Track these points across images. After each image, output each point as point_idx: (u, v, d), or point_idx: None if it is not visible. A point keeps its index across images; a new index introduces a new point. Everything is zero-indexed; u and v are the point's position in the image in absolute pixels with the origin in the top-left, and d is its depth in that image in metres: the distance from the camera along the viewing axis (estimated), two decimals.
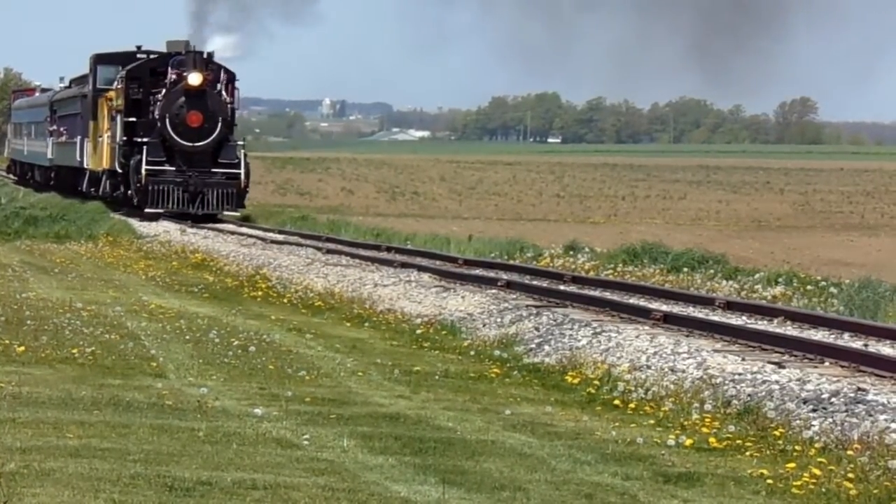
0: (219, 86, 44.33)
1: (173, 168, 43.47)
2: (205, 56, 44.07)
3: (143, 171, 43.02)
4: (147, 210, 43.34)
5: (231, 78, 45.22)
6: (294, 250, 32.90)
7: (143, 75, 45.64)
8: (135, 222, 43.31)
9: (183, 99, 43.41)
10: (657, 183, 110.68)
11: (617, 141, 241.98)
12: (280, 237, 37.82)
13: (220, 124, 43.81)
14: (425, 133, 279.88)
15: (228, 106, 44.72)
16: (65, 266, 29.17)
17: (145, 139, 43.86)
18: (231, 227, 42.19)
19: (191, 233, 39.50)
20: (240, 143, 46.06)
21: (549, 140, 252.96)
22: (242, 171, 44.35)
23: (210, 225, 41.99)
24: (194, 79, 43.14)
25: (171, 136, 43.33)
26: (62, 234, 40.10)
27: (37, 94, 75.90)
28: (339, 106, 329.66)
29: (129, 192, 45.23)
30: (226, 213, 44.36)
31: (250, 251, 32.78)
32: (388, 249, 32.75)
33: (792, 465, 11.52)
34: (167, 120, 43.36)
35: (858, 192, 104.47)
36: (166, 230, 40.34)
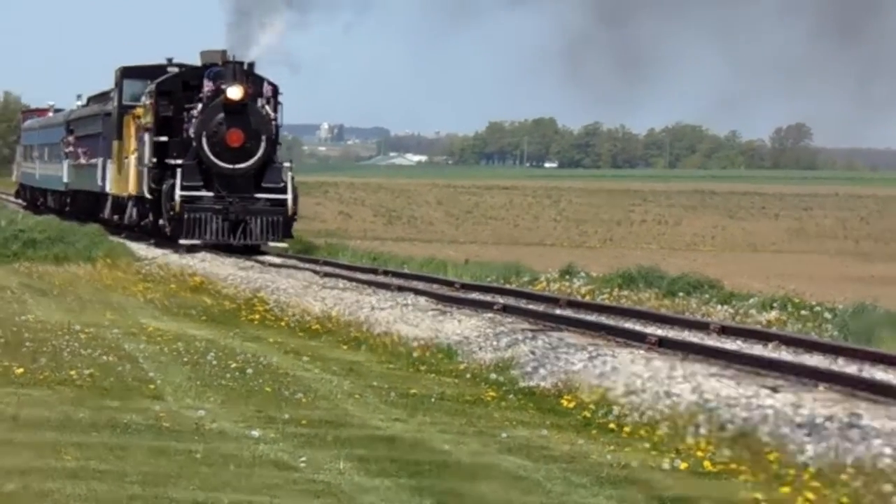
0: (261, 100, 39.31)
1: (211, 193, 38.41)
2: (245, 67, 39.07)
3: (178, 198, 38.23)
4: (182, 241, 38.49)
5: (275, 91, 40.10)
6: (292, 273, 32.83)
7: (176, 89, 40.70)
8: (132, 245, 41.88)
9: (222, 115, 38.40)
10: (653, 208, 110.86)
11: (613, 166, 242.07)
12: (278, 260, 37.02)
13: (263, 143, 38.80)
14: (422, 157, 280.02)
15: (273, 123, 39.64)
16: (63, 288, 29.14)
17: (179, 161, 38.94)
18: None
19: (189, 256, 37.88)
20: (286, 164, 40.52)
21: (546, 165, 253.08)
22: (290, 196, 39.18)
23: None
24: (234, 92, 38.12)
25: (209, 157, 38.41)
26: (61, 257, 39.82)
27: (50, 113, 71.60)
28: (337, 130, 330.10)
29: (161, 220, 40.66)
30: (271, 243, 39.23)
31: (248, 274, 32.70)
32: (385, 273, 32.64)
33: (786, 489, 11.52)
34: (204, 139, 38.27)
35: (854, 218, 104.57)
36: (164, 253, 39.71)
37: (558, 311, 23.24)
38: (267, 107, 39.36)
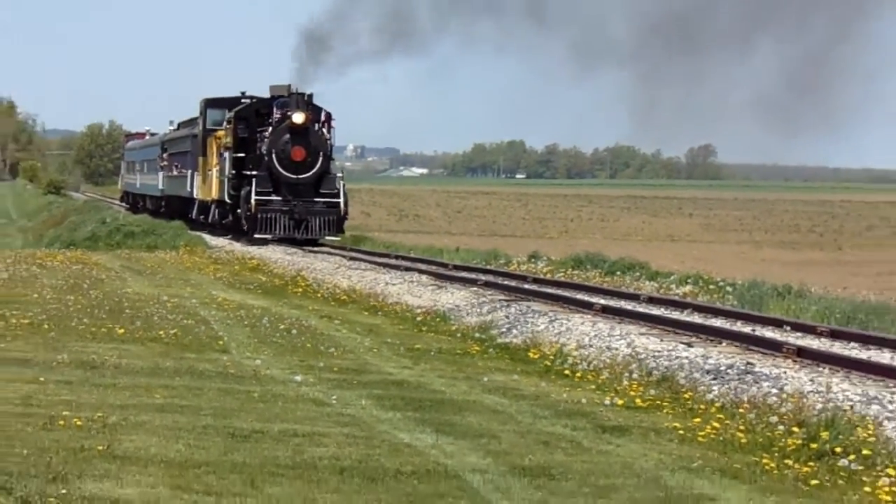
0: (318, 124, 38.86)
1: (280, 198, 38.12)
2: (306, 97, 38.70)
3: (253, 201, 37.97)
4: (256, 236, 38.03)
5: (329, 117, 39.62)
6: (325, 258, 32.84)
7: (250, 116, 40.42)
8: (207, 237, 41.77)
9: (288, 136, 38.15)
10: (597, 209, 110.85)
11: (567, 177, 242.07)
12: (315, 248, 36.91)
13: (321, 158, 38.52)
14: (424, 170, 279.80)
15: (328, 142, 39.28)
16: (154, 269, 29.15)
17: (254, 172, 38.62)
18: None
19: (249, 245, 37.70)
20: (338, 175, 40.13)
21: (517, 176, 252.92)
22: (342, 199, 38.84)
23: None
24: (298, 117, 37.84)
25: (278, 169, 38.14)
26: (152, 245, 39.86)
27: (147, 136, 71.19)
28: (360, 150, 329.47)
29: (239, 219, 40.08)
30: (327, 237, 38.68)
31: (293, 258, 32.71)
32: (396, 257, 32.68)
33: (698, 419, 11.52)
34: (274, 155, 38.17)
35: (748, 216, 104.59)
36: (231, 242, 39.66)
37: (526, 286, 23.26)
38: (323, 129, 39.07)
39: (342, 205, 38.72)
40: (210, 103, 44.57)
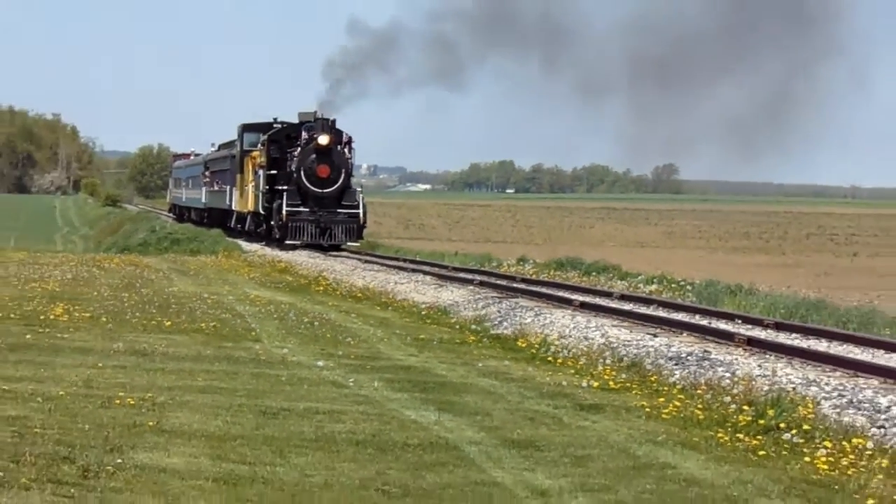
0: (340, 146, 38.45)
1: (307, 209, 37.67)
2: (330, 122, 38.36)
3: (285, 212, 37.59)
4: (287, 242, 37.66)
5: (349, 140, 39.03)
6: (343, 260, 32.84)
7: (281, 139, 39.99)
8: (242, 243, 41.52)
9: (314, 155, 37.62)
10: (576, 219, 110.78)
11: (550, 192, 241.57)
12: (334, 253, 36.89)
13: (343, 175, 38.03)
14: (428, 186, 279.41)
15: (349, 161, 38.79)
16: (196, 271, 29.15)
17: (284, 187, 38.16)
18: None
19: (279, 250, 37.52)
20: (358, 189, 39.66)
21: (507, 191, 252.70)
22: (361, 211, 38.29)
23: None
24: (323, 139, 37.41)
25: (306, 184, 37.62)
26: (195, 250, 39.77)
27: (192, 156, 70.46)
28: (373, 168, 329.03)
29: (272, 228, 39.73)
30: (348, 243, 38.13)
31: (315, 261, 32.70)
32: (404, 260, 32.70)
33: (662, 399, 11.53)
34: (302, 172, 37.61)
35: (706, 225, 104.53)
36: (262, 248, 39.59)
37: (515, 285, 23.27)
38: (345, 150, 38.75)
39: (361, 215, 38.41)
40: (246, 128, 44.44)
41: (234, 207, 47.19)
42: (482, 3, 41.02)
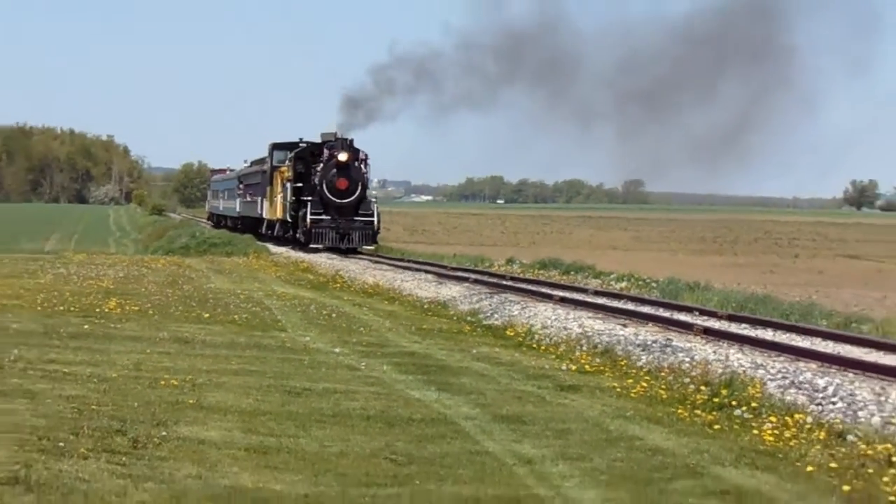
0: (357, 162, 38.10)
1: (328, 217, 37.53)
2: (348, 141, 38.24)
3: (309, 220, 37.52)
4: (311, 246, 37.75)
5: (366, 157, 38.89)
6: (357, 261, 32.81)
7: (306, 156, 39.66)
8: (270, 246, 41.23)
9: (335, 170, 37.52)
10: (557, 225, 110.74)
11: (535, 202, 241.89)
12: (349, 255, 36.65)
13: (359, 187, 37.55)
14: (429, 197, 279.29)
15: (365, 175, 38.52)
16: (230, 270, 29.12)
17: (309, 198, 38.25)
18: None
19: (302, 252, 37.36)
20: (373, 200, 39.15)
21: (498, 202, 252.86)
22: (375, 218, 37.84)
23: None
24: (342, 156, 37.45)
25: (327, 195, 37.46)
26: (229, 252, 39.68)
27: (227, 172, 70.61)
28: (382, 181, 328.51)
29: (297, 234, 39.43)
30: (364, 247, 38.26)
31: (333, 262, 32.66)
32: (409, 261, 32.70)
33: (630, 380, 11.52)
34: (324, 185, 37.54)
35: (669, 230, 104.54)
36: (288, 251, 39.51)
37: (505, 283, 23.27)
38: (362, 166, 38.57)
39: (376, 222, 38.26)
40: (275, 146, 44.38)
41: (264, 216, 47.15)
42: (501, 44, 41.05)
